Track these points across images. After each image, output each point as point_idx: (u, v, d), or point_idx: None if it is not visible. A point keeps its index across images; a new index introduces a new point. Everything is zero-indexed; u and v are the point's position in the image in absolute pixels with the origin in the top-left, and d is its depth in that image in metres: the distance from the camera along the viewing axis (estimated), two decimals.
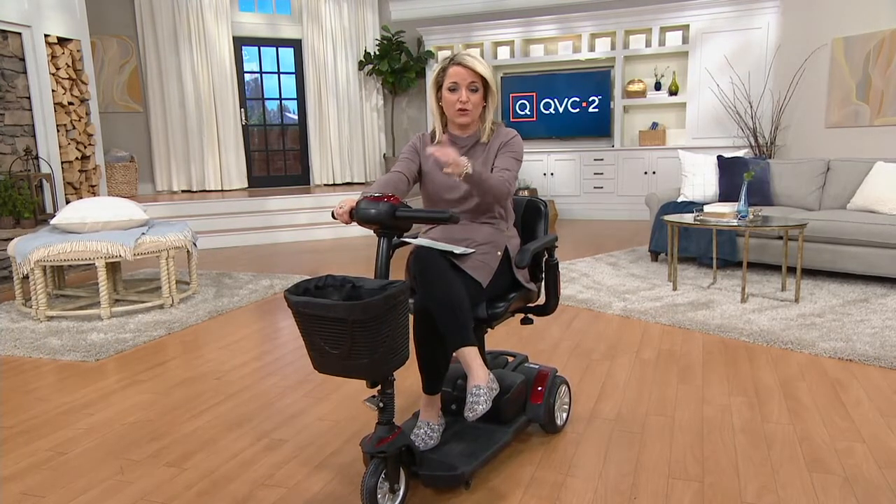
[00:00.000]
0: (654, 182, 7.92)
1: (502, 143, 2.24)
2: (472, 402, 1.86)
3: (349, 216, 1.95)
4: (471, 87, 2.13)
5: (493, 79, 2.18)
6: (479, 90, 2.15)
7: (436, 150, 1.92)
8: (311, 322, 1.71)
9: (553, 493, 1.98)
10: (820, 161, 5.11)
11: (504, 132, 2.27)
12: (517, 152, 2.23)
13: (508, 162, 2.20)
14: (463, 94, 2.14)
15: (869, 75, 6.22)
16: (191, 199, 7.52)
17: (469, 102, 2.14)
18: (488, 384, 1.90)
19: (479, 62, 2.13)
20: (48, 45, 5.82)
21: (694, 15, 7.62)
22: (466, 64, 2.12)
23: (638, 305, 3.99)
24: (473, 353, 1.92)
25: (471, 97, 2.14)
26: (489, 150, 2.24)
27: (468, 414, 1.85)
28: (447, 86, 2.16)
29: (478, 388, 1.87)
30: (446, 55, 8.75)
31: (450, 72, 2.14)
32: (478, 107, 2.19)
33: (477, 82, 2.14)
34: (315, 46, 8.70)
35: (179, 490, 2.06)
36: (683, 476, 2.06)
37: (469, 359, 1.91)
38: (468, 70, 2.12)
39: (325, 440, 2.38)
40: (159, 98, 8.27)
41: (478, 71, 2.12)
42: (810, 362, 3.03)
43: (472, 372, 1.91)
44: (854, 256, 4.35)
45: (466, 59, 2.12)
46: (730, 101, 7.54)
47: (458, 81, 2.13)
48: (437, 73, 2.21)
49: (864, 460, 2.13)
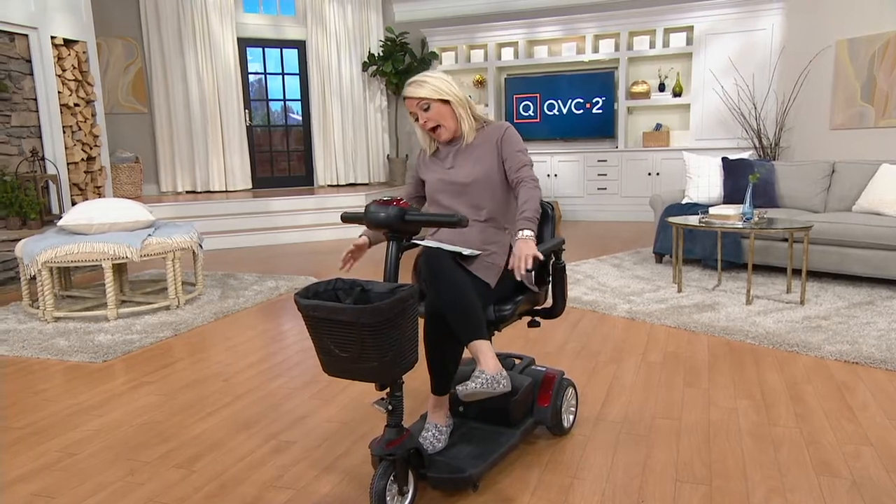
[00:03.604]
0: (657, 183, 7.92)
1: (498, 139, 2.27)
2: (469, 380, 1.86)
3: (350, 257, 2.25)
4: (421, 107, 2.25)
5: (442, 89, 2.24)
6: (429, 107, 2.24)
7: (519, 267, 1.98)
8: (321, 325, 1.71)
9: (561, 497, 1.99)
10: (825, 163, 5.11)
11: (494, 128, 2.31)
12: (518, 143, 2.28)
13: (518, 159, 2.24)
14: (421, 118, 2.27)
15: (874, 77, 6.22)
16: (195, 199, 7.54)
17: (429, 120, 2.26)
18: (495, 373, 1.89)
19: (418, 87, 2.23)
20: (54, 46, 5.85)
21: (698, 16, 7.62)
22: (408, 95, 2.26)
23: (643, 307, 3.99)
24: (486, 346, 1.93)
25: (428, 116, 2.25)
26: (479, 148, 2.28)
27: (459, 388, 1.84)
28: (411, 116, 2.31)
29: (482, 371, 1.88)
30: (451, 56, 8.75)
31: (406, 105, 2.30)
32: (443, 117, 2.26)
33: (424, 102, 2.24)
34: (319, 47, 8.72)
35: (188, 492, 2.07)
36: (691, 479, 2.06)
37: (481, 351, 1.92)
38: (410, 99, 2.26)
39: (332, 442, 2.39)
40: (164, 99, 8.29)
41: (418, 96, 2.23)
42: (816, 365, 3.03)
43: (483, 362, 1.91)
44: (859, 259, 4.35)
45: (407, 91, 2.26)
46: (734, 102, 7.54)
47: (412, 111, 2.28)
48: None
49: (872, 463, 2.13)
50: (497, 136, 2.27)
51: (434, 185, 2.32)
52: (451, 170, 2.29)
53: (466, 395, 1.85)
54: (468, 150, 2.29)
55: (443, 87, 2.23)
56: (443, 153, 2.34)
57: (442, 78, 2.24)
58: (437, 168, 2.33)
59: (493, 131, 2.29)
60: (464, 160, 2.28)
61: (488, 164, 2.25)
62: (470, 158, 2.27)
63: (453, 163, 2.29)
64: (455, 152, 2.31)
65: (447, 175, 2.29)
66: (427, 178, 2.36)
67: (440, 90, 2.22)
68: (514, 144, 2.26)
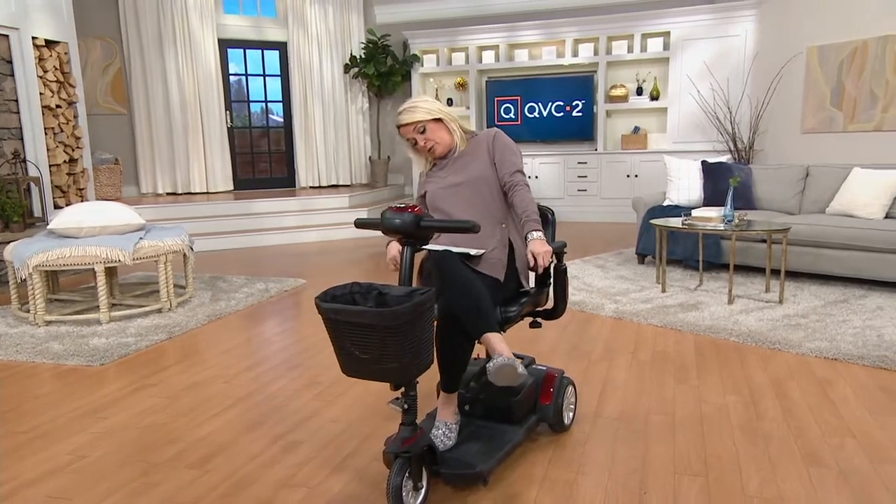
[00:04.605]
0: (636, 185, 8.08)
1: (489, 142, 2.43)
2: (492, 362, 1.95)
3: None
4: (418, 130, 2.38)
5: (429, 110, 2.37)
6: (425, 129, 2.38)
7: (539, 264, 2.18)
8: (342, 328, 1.78)
9: (566, 491, 2.07)
10: (800, 167, 5.29)
11: (484, 134, 2.47)
12: (508, 145, 2.43)
13: (510, 162, 2.38)
14: (420, 141, 2.40)
15: (842, 83, 6.44)
16: (176, 201, 7.50)
17: (428, 142, 2.40)
18: (512, 358, 1.98)
19: (411, 113, 2.36)
20: (36, 47, 5.79)
21: (674, 22, 7.80)
22: (402, 123, 2.39)
23: (629, 307, 4.11)
24: (499, 337, 2.04)
25: (427, 137, 2.39)
26: (472, 153, 2.44)
27: (489, 366, 1.93)
28: (408, 142, 2.44)
29: (500, 355, 1.98)
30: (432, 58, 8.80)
31: (400, 134, 2.42)
32: (438, 134, 2.41)
33: (420, 125, 2.37)
34: (300, 49, 8.72)
35: (204, 492, 2.12)
36: (688, 472, 2.17)
37: (494, 342, 2.03)
38: (406, 126, 2.38)
39: (340, 441, 2.45)
40: (144, 100, 8.23)
41: (413, 121, 2.36)
42: (798, 362, 3.17)
43: (498, 351, 2.00)
44: (834, 259, 4.52)
45: (400, 119, 2.39)
46: (709, 106, 7.73)
47: (409, 136, 2.41)
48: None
49: (856, 454, 2.26)
50: (488, 140, 2.44)
51: (433, 194, 2.45)
52: (449, 176, 2.43)
53: (497, 367, 1.92)
54: (462, 156, 2.46)
55: (432, 107, 2.40)
56: (439, 167, 2.50)
57: (427, 100, 2.41)
58: (436, 179, 2.49)
59: (484, 137, 2.47)
60: (459, 166, 2.44)
61: (481, 165, 2.40)
62: (463, 163, 2.43)
63: (450, 170, 2.45)
64: (451, 162, 2.47)
65: (445, 182, 2.42)
66: (429, 189, 2.47)
67: (431, 110, 2.39)
68: (505, 147, 2.42)
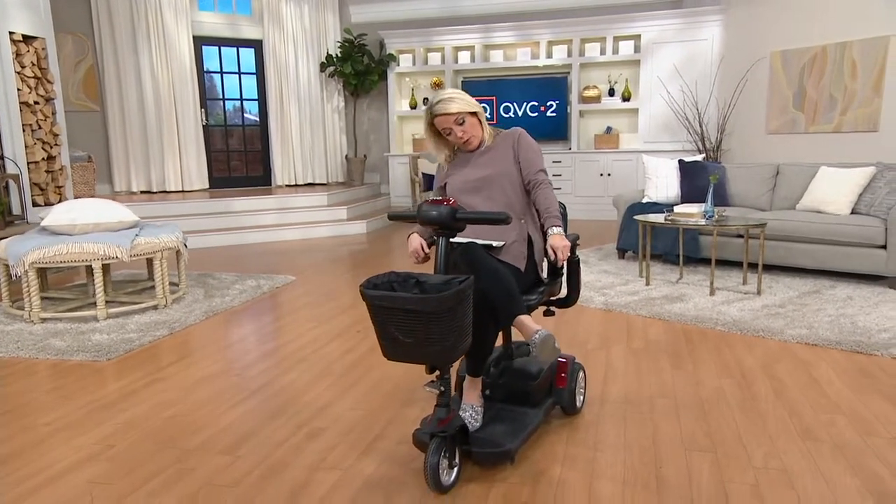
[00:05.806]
0: (609, 183, 8.31)
1: (514, 142, 2.53)
2: (537, 335, 2.10)
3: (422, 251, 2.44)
4: (457, 121, 2.45)
5: (469, 102, 2.46)
6: (464, 121, 2.46)
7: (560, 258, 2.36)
8: (386, 314, 1.88)
9: (587, 466, 2.21)
10: (770, 165, 5.55)
11: (509, 133, 2.57)
12: (532, 146, 2.54)
13: (534, 162, 2.50)
14: (456, 132, 2.47)
15: (804, 86, 6.76)
16: (151, 199, 7.44)
17: (465, 133, 2.47)
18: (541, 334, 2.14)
19: (452, 103, 2.43)
20: (13, 42, 5.69)
21: (645, 25, 8.05)
22: (442, 112, 2.43)
23: (618, 300, 4.28)
24: (528, 319, 2.19)
25: (464, 129, 2.47)
26: (497, 150, 2.54)
27: (534, 339, 2.10)
28: (443, 132, 2.49)
29: (539, 330, 2.13)
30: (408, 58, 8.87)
31: (436, 123, 2.47)
32: (474, 127, 2.50)
33: (459, 116, 2.44)
34: (276, 47, 8.72)
35: (240, 476, 2.19)
36: (698, 448, 2.32)
37: (528, 322, 2.17)
38: (445, 116, 2.44)
39: (363, 427, 2.55)
40: (117, 97, 8.13)
41: (453, 111, 2.43)
42: (781, 348, 3.38)
43: (532, 329, 2.15)
44: (804, 252, 4.78)
45: (440, 108, 2.43)
46: (679, 107, 8.01)
47: (446, 126, 2.46)
48: (428, 121, 2.51)
49: (847, 429, 2.45)
50: (514, 139, 2.54)
51: (455, 186, 2.53)
52: (472, 170, 2.52)
53: (542, 339, 2.09)
54: (487, 152, 2.55)
55: (470, 100, 2.48)
56: (461, 160, 2.58)
57: (462, 93, 2.48)
58: (458, 171, 2.56)
59: (509, 135, 2.57)
60: (484, 161, 2.53)
61: (505, 162, 2.51)
62: (489, 159, 2.53)
63: (474, 164, 2.53)
64: (476, 156, 2.55)
65: (468, 175, 2.51)
66: (450, 181, 2.56)
67: (469, 102, 2.46)
68: (529, 147, 2.53)
